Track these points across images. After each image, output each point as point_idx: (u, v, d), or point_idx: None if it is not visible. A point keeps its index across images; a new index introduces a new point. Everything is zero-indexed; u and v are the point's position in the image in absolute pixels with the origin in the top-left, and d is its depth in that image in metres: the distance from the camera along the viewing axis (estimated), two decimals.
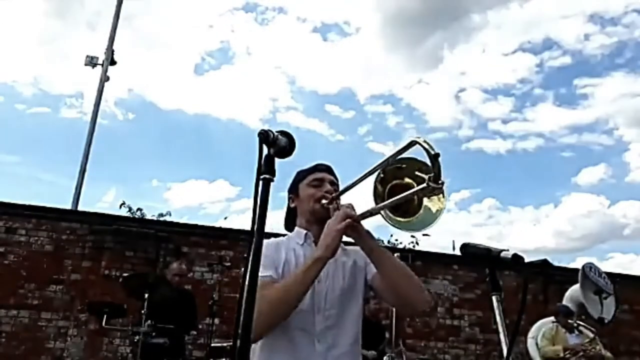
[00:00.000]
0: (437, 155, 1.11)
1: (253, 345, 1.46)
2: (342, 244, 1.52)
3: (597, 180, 23.66)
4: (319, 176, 1.62)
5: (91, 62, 10.72)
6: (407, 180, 1.36)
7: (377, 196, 1.37)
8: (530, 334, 5.53)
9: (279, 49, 24.18)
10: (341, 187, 1.58)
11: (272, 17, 24.16)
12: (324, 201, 1.55)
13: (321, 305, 1.46)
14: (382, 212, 1.36)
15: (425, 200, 1.35)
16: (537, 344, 5.38)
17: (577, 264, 6.16)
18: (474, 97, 23.34)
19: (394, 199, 1.30)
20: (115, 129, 20.59)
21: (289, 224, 1.69)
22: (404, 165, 1.36)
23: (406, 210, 1.37)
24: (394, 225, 1.36)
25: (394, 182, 1.38)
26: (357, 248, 1.51)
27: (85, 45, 25.45)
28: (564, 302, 6.01)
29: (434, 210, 1.34)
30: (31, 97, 20.70)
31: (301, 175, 1.66)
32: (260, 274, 1.39)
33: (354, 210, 1.43)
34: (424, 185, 1.17)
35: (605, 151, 22.65)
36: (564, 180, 25.75)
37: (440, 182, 1.14)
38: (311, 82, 26.96)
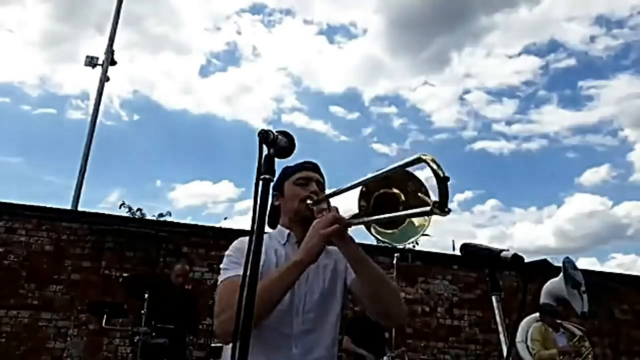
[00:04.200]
0: (447, 179, 0.98)
1: (225, 347, 1.43)
2: None
3: (601, 181, 23.73)
4: (305, 175, 1.57)
5: (91, 62, 10.72)
6: (394, 190, 1.31)
7: (362, 210, 1.32)
8: (517, 337, 5.30)
9: (285, 50, 24.27)
10: (329, 191, 1.52)
11: (279, 19, 24.28)
12: (309, 201, 1.50)
13: (300, 308, 1.42)
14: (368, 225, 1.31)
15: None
16: (528, 347, 5.27)
17: (579, 264, 6.15)
18: (479, 99, 23.43)
19: (387, 215, 1.24)
20: (120, 129, 20.67)
21: (272, 222, 1.64)
22: (389, 174, 1.29)
23: (391, 222, 1.31)
24: (376, 237, 1.31)
25: (380, 191, 1.33)
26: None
27: (92, 46, 25.56)
28: (543, 298, 5.88)
29: (417, 224, 1.30)
30: (37, 98, 20.78)
31: (287, 173, 1.60)
32: (235, 272, 1.35)
33: (339, 214, 1.37)
34: (427, 209, 1.05)
35: (609, 152, 22.74)
36: (567, 181, 25.85)
37: (446, 209, 1.00)
38: (316, 83, 27.01)
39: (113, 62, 10.82)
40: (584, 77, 25.85)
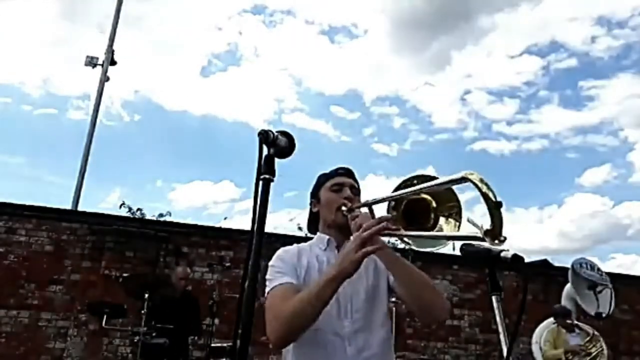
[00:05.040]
0: (500, 204, 0.85)
1: (284, 351, 1.48)
2: None
3: (602, 181, 23.67)
4: (339, 181, 1.63)
5: (91, 62, 10.71)
6: (423, 195, 1.34)
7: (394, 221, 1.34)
8: (533, 339, 5.52)
9: (286, 51, 24.25)
10: (365, 200, 1.56)
11: (281, 19, 24.25)
12: (343, 208, 1.55)
13: (348, 309, 1.46)
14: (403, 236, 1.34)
15: (442, 220, 1.32)
16: (541, 349, 5.39)
17: None
18: (480, 99, 23.40)
19: (428, 233, 1.27)
20: (121, 130, 20.62)
21: (312, 227, 1.71)
22: (415, 182, 1.32)
23: (421, 228, 1.35)
24: (407, 243, 1.36)
25: (410, 197, 1.35)
26: None
27: (94, 47, 25.48)
28: (563, 301, 6.01)
29: (447, 230, 1.32)
30: (38, 98, 20.72)
31: (322, 180, 1.67)
32: (280, 281, 1.40)
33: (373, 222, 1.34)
34: (477, 234, 0.93)
35: (609, 152, 22.68)
36: (568, 181, 25.81)
37: (502, 238, 0.86)
38: (317, 83, 26.94)
39: (113, 62, 10.82)
40: (584, 78, 25.83)
